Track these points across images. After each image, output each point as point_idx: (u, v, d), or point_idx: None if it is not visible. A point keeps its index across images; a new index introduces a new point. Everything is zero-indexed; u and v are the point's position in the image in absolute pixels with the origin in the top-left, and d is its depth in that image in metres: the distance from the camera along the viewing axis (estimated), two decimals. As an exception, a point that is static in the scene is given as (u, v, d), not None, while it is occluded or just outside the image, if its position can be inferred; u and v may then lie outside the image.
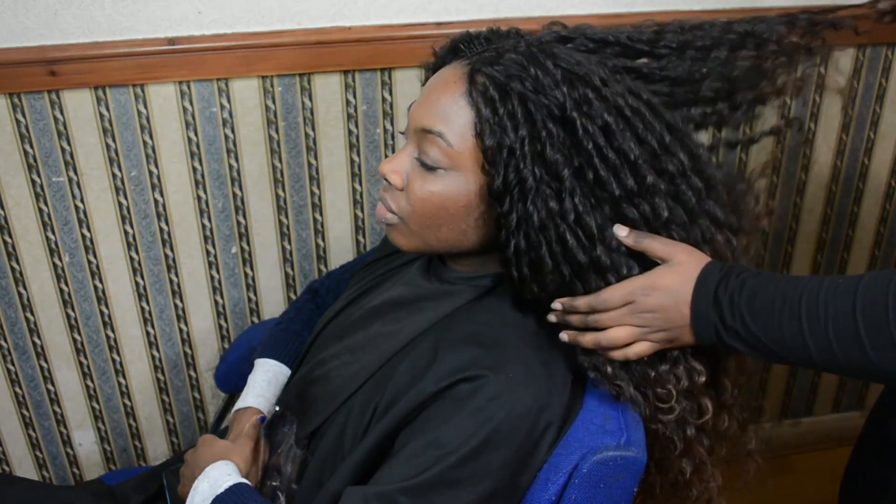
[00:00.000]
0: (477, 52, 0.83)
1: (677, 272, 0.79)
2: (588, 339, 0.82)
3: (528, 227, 0.79)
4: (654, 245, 0.80)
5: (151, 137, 1.31)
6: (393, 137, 1.40)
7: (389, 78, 1.35)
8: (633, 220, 0.80)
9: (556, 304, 0.83)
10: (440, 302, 0.90)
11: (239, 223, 1.41)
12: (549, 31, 0.86)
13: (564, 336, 0.83)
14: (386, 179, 0.86)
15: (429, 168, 0.82)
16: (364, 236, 1.48)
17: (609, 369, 0.83)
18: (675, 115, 0.85)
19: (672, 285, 0.79)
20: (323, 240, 1.47)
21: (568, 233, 0.78)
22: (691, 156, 0.82)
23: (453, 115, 0.80)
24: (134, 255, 1.40)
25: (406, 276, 0.99)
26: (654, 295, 0.79)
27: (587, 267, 0.79)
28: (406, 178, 0.84)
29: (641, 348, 0.82)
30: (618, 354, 0.82)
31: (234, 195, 1.39)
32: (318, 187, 1.41)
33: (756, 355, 0.79)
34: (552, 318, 0.84)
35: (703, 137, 1.51)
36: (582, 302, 0.81)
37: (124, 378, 1.51)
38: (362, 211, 1.45)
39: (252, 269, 1.46)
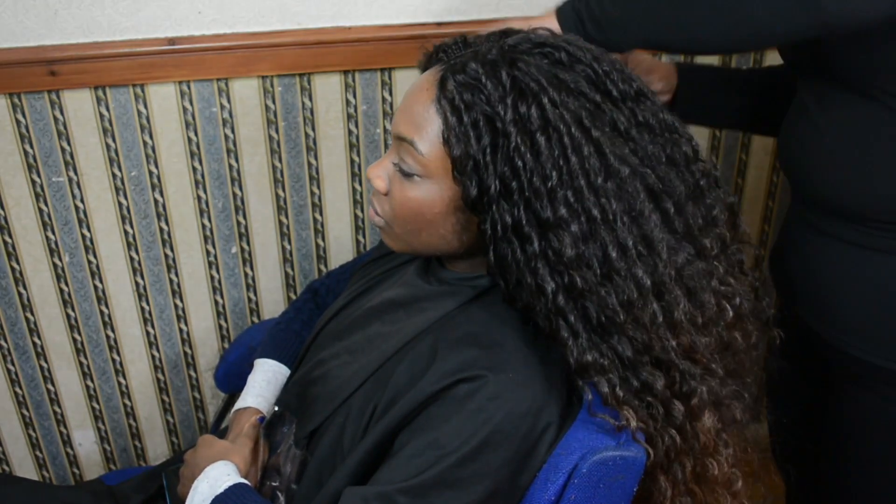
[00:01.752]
0: (453, 57, 0.83)
1: None
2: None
3: (497, 236, 0.78)
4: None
5: (151, 137, 1.31)
6: (393, 137, 1.40)
7: (389, 78, 1.35)
8: (548, 247, 0.77)
9: None
10: (438, 302, 0.90)
11: (239, 223, 1.41)
12: (530, 37, 0.84)
13: None
14: (372, 184, 0.87)
15: (406, 175, 0.83)
16: (364, 236, 1.48)
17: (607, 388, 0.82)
18: (629, 161, 0.79)
19: None
20: (323, 240, 1.47)
21: (521, 244, 0.78)
22: (628, 207, 0.77)
23: (424, 123, 0.81)
24: (134, 254, 1.40)
25: (404, 276, 0.99)
26: None
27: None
28: (388, 183, 0.86)
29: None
30: None
31: (234, 195, 1.39)
32: (318, 187, 1.41)
33: (613, 34, 0.88)
34: None
35: (702, 139, 1.52)
36: None
37: (124, 378, 1.51)
38: (362, 211, 1.45)
39: (252, 269, 1.46)
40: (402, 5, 1.30)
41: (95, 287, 1.41)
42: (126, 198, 1.35)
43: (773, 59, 1.41)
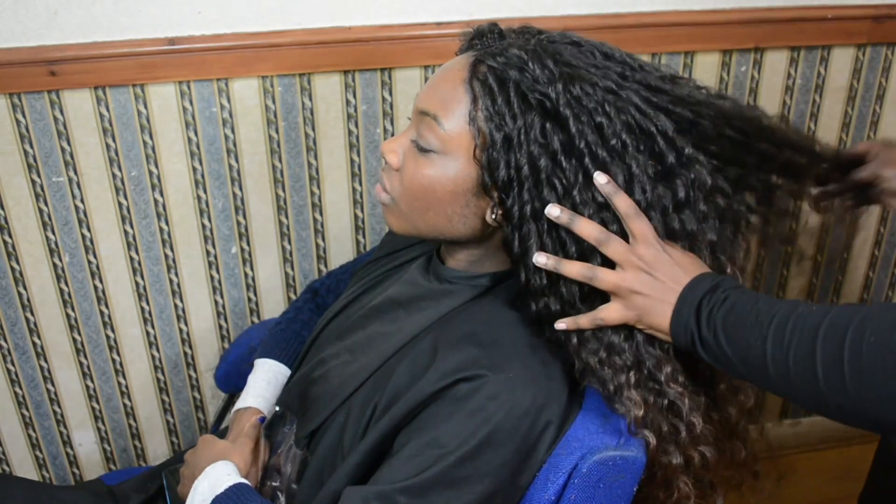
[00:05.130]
0: (487, 45, 0.85)
1: (680, 265, 0.80)
2: (584, 319, 0.81)
3: (521, 220, 0.80)
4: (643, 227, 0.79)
5: (151, 137, 1.31)
6: (392, 137, 1.40)
7: (389, 78, 1.35)
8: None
9: (547, 259, 0.81)
10: (439, 301, 0.90)
11: (239, 223, 1.41)
12: (563, 34, 0.86)
13: (561, 324, 0.82)
14: (384, 158, 0.88)
15: (423, 150, 0.84)
16: (364, 236, 1.48)
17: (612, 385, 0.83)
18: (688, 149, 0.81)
19: (679, 259, 0.80)
20: (323, 240, 1.47)
21: (553, 229, 0.79)
22: (674, 195, 0.81)
23: (451, 100, 0.82)
24: (134, 255, 1.40)
25: (405, 275, 0.99)
26: (660, 254, 0.79)
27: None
28: (402, 159, 0.86)
29: (612, 310, 0.81)
30: (585, 319, 0.82)
31: (234, 195, 1.39)
32: (318, 187, 1.41)
33: (720, 367, 0.78)
34: (560, 325, 0.83)
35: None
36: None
37: (124, 378, 1.51)
38: (362, 211, 1.45)
39: (252, 269, 1.46)
40: (402, 5, 1.30)
41: (95, 287, 1.41)
42: (126, 198, 1.35)
43: None
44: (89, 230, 1.36)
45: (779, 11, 1.41)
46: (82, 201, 1.34)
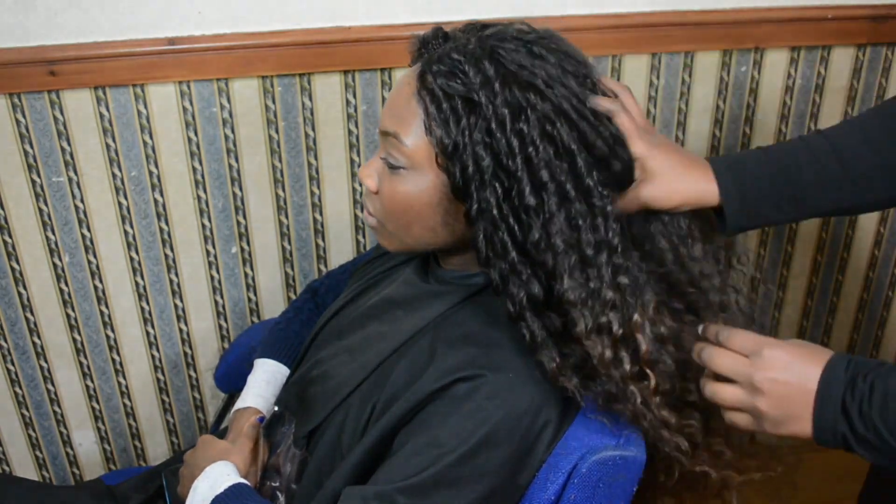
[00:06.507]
0: (433, 51, 0.85)
1: (806, 354, 0.74)
2: (708, 388, 0.79)
3: (485, 219, 0.79)
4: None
5: (151, 137, 1.31)
6: (393, 137, 1.40)
7: (389, 78, 1.35)
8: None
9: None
10: (436, 301, 0.90)
11: (239, 223, 1.41)
12: (507, 28, 0.85)
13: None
14: (363, 184, 0.89)
15: (393, 168, 0.85)
16: (364, 236, 1.48)
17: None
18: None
19: (801, 368, 0.73)
20: (323, 240, 1.47)
21: (516, 225, 0.78)
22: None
23: (407, 115, 0.82)
24: (134, 255, 1.40)
25: (403, 275, 1.00)
26: (780, 361, 0.74)
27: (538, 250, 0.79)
28: (378, 181, 0.87)
29: (740, 419, 0.77)
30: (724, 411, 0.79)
31: (234, 195, 1.39)
32: (318, 187, 1.41)
33: (887, 463, 0.71)
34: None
35: (702, 146, 1.51)
36: (711, 328, 0.80)
37: (124, 378, 1.51)
38: (362, 211, 1.45)
39: (252, 269, 1.46)
40: (402, 5, 1.30)
41: (95, 287, 1.41)
42: (126, 198, 1.35)
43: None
44: (89, 230, 1.36)
45: (779, 11, 1.41)
46: (82, 201, 1.34)
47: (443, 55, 0.81)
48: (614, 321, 0.79)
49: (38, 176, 1.31)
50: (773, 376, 0.74)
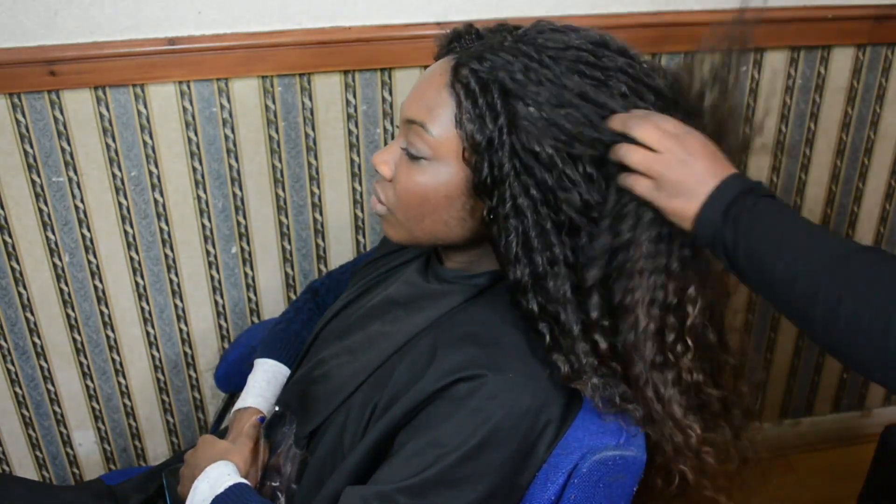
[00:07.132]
0: (466, 47, 0.85)
1: (711, 159, 0.77)
2: (622, 149, 0.79)
3: (510, 217, 0.79)
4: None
5: (151, 137, 1.31)
6: (392, 137, 1.40)
7: (389, 78, 1.35)
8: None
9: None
10: (438, 301, 0.90)
11: (239, 223, 1.41)
12: (539, 28, 0.86)
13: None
14: (377, 170, 0.88)
15: (414, 158, 0.84)
16: (364, 236, 1.48)
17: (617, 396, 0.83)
18: None
19: (704, 162, 0.77)
20: (323, 240, 1.47)
21: (546, 222, 0.80)
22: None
23: (436, 106, 0.82)
24: (134, 255, 1.40)
25: (404, 275, 0.99)
26: (699, 140, 0.78)
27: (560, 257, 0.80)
28: (394, 170, 0.87)
29: (641, 184, 0.78)
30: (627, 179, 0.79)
31: (234, 195, 1.39)
32: (318, 187, 1.41)
33: (734, 273, 0.78)
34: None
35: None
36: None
37: (124, 378, 1.51)
38: (362, 211, 1.45)
39: (252, 269, 1.46)
40: (402, 5, 1.30)
41: (95, 287, 1.41)
42: (126, 198, 1.35)
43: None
44: (89, 230, 1.36)
45: (779, 11, 1.41)
46: (82, 201, 1.34)
47: (482, 51, 0.81)
48: (670, 291, 0.80)
49: (38, 176, 1.31)
50: (689, 143, 0.77)
